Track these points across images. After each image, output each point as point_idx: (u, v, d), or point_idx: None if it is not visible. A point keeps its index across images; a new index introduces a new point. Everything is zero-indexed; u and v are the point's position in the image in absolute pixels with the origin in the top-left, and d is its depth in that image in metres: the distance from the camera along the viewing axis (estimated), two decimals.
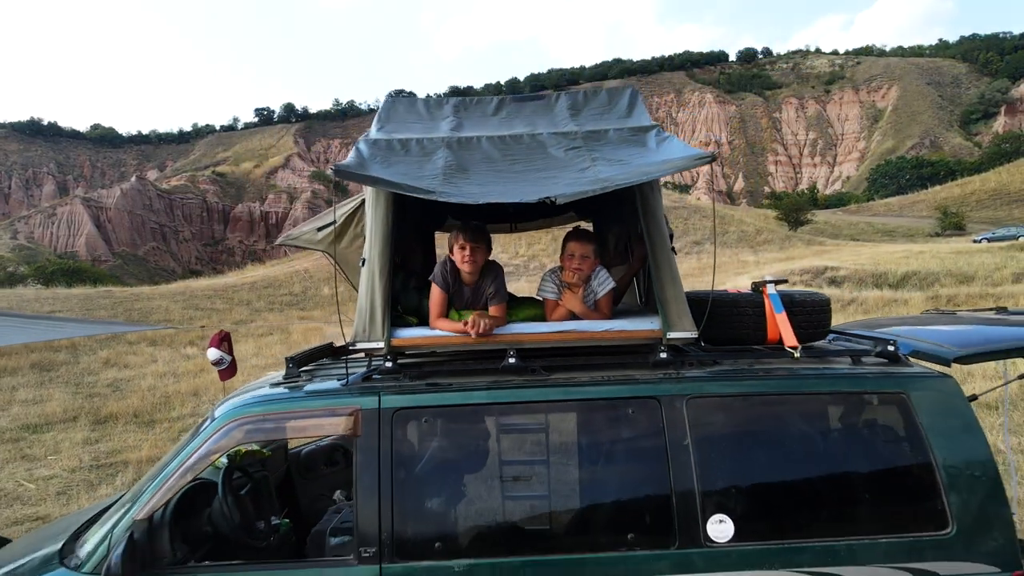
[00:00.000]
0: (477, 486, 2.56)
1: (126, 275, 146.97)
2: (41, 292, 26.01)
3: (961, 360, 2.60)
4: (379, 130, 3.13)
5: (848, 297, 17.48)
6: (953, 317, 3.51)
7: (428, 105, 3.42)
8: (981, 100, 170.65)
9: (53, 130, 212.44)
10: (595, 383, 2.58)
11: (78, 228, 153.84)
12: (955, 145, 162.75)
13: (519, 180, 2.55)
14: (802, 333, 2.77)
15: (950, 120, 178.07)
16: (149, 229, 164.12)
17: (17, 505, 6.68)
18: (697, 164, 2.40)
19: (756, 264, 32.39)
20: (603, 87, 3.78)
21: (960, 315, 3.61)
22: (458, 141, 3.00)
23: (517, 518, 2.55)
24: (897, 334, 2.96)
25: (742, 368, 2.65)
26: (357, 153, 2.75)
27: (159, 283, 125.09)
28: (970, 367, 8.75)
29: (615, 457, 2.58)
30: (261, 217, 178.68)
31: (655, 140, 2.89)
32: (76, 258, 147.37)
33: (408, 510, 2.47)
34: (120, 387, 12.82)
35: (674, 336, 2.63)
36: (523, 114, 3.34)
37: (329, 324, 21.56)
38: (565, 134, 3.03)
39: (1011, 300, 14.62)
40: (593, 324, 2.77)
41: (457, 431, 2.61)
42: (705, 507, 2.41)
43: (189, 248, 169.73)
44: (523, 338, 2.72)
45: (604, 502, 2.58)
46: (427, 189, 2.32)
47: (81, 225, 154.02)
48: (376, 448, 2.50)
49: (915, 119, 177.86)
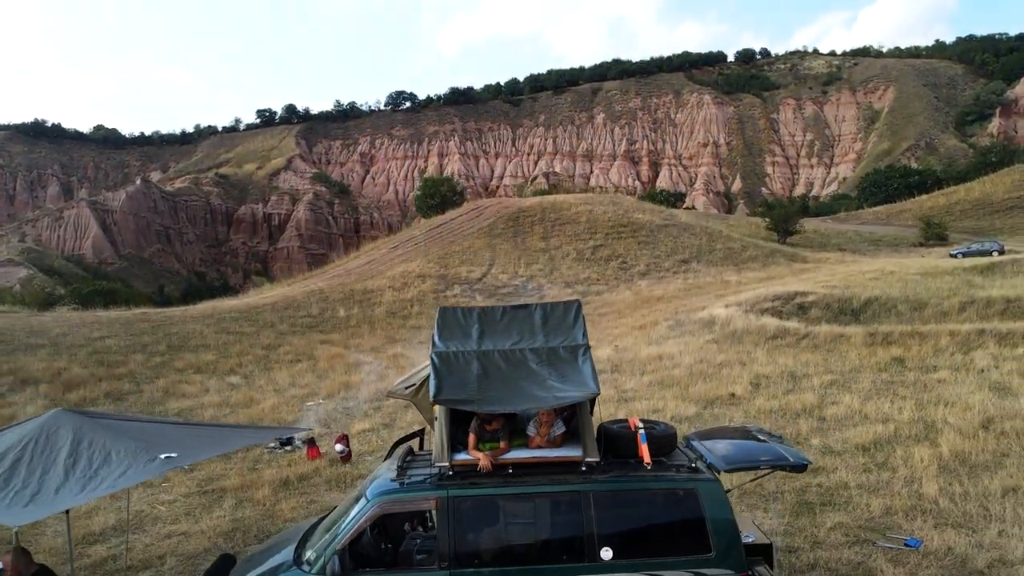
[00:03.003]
0: (493, 531, 5.20)
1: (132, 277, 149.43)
2: (85, 316, 28.63)
3: (727, 471, 5.26)
4: (440, 339, 5.75)
5: (804, 331, 20.07)
6: (742, 432, 6.15)
7: (463, 315, 6.01)
8: (976, 102, 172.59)
9: (56, 131, 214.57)
10: (551, 483, 5.25)
11: (85, 231, 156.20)
12: (950, 147, 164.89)
13: (515, 386, 5.19)
14: (655, 453, 5.42)
15: (946, 122, 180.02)
16: (154, 231, 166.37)
17: (160, 524, 9.33)
18: (582, 397, 5.10)
19: (737, 284, 34.95)
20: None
21: (747, 429, 6.24)
22: (484, 354, 5.56)
23: (515, 546, 5.20)
24: (708, 448, 5.61)
25: (620, 475, 5.31)
26: (435, 371, 5.38)
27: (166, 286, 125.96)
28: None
29: (560, 518, 5.23)
30: (264, 219, 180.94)
31: (581, 359, 5.51)
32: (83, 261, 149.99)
33: (461, 544, 5.12)
34: (187, 417, 15.45)
35: (588, 459, 5.29)
36: (517, 319, 5.92)
37: (348, 350, 24.17)
38: (535, 350, 5.64)
39: (931, 340, 17.19)
40: (551, 452, 5.39)
41: (484, 504, 5.26)
42: (599, 542, 5.06)
43: (193, 250, 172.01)
44: (516, 461, 5.37)
45: (555, 539, 5.23)
46: (470, 400, 4.96)
47: (87, 228, 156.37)
48: (446, 513, 5.16)
49: (911, 121, 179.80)
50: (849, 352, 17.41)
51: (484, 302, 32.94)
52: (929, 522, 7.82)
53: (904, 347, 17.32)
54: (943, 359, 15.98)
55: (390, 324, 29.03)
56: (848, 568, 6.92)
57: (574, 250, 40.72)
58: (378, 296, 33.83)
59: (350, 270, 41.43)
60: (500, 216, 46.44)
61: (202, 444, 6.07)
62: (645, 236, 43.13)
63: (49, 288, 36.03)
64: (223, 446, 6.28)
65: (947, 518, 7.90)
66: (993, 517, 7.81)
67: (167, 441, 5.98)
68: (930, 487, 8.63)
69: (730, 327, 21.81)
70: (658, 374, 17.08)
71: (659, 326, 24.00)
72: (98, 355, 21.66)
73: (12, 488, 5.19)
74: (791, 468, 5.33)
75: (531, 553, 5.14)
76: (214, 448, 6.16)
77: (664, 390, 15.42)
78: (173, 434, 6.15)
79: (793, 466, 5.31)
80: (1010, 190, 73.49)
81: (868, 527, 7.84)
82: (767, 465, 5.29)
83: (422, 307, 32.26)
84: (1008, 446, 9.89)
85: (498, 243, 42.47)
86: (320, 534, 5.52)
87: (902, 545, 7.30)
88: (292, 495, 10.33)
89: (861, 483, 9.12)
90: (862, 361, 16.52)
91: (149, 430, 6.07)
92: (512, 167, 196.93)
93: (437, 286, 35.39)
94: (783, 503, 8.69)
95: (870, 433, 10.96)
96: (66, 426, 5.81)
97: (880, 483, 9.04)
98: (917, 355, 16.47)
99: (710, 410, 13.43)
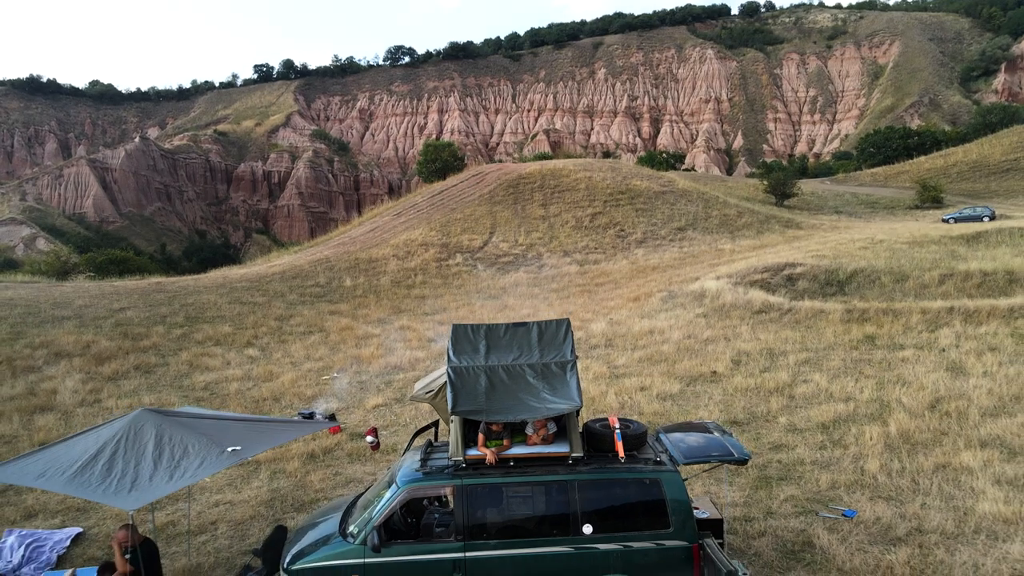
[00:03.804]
0: (498, 511, 6.53)
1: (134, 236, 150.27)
2: (103, 287, 29.86)
3: (685, 463, 6.57)
4: (454, 354, 6.98)
5: (787, 307, 21.33)
6: (700, 428, 7.45)
7: (472, 331, 7.22)
8: (982, 57, 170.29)
9: (52, 87, 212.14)
10: (544, 473, 6.57)
11: (85, 189, 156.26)
12: (954, 104, 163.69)
13: (516, 398, 6.45)
14: (628, 448, 6.72)
15: (950, 77, 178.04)
16: (154, 189, 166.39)
17: (207, 493, 10.74)
18: (568, 409, 6.38)
19: (731, 253, 36.11)
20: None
21: (705, 425, 7.54)
22: (489, 368, 6.80)
23: (516, 523, 6.54)
24: (672, 442, 6.92)
25: (599, 467, 6.62)
26: (451, 385, 6.62)
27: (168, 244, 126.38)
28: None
29: (551, 501, 6.57)
30: (264, 176, 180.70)
31: (568, 374, 6.75)
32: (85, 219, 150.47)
33: (473, 521, 6.47)
34: (215, 391, 16.84)
35: (574, 455, 6.60)
36: (517, 336, 7.14)
37: (357, 321, 25.45)
38: (532, 365, 6.87)
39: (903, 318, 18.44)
40: (544, 448, 6.69)
41: (491, 490, 6.58)
42: (581, 520, 6.41)
43: (194, 208, 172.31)
44: (517, 456, 6.68)
45: (547, 517, 6.58)
46: (480, 411, 6.24)
47: (88, 186, 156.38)
48: (461, 497, 6.50)
49: (915, 76, 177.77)
50: (826, 329, 18.70)
51: (485, 272, 34.17)
52: (866, 495, 9.21)
53: (877, 324, 18.62)
54: (911, 337, 17.28)
55: (395, 294, 30.29)
56: (792, 535, 8.32)
57: (573, 218, 41.71)
58: (383, 265, 35.02)
59: (354, 238, 42.49)
60: (501, 183, 47.26)
61: (260, 438, 7.34)
62: (643, 203, 44.05)
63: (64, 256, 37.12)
64: (276, 439, 7.56)
65: (882, 492, 9.29)
66: (920, 491, 9.19)
67: (231, 436, 7.29)
68: (873, 464, 10.01)
69: (719, 300, 23.07)
70: (648, 350, 18.41)
71: (652, 298, 25.25)
72: (121, 327, 22.94)
73: (114, 476, 6.51)
74: (735, 462, 6.64)
75: (528, 528, 6.50)
76: (270, 441, 7.44)
77: (652, 366, 16.76)
78: (235, 429, 7.44)
79: (736, 460, 6.63)
80: (1007, 152, 73.91)
81: (815, 499, 9.23)
82: (716, 459, 6.60)
83: (426, 276, 33.51)
84: (948, 425, 11.24)
85: (499, 210, 43.44)
86: (359, 511, 6.89)
87: (840, 515, 8.69)
88: (319, 467, 11.76)
89: (815, 459, 10.50)
90: (837, 338, 17.83)
91: (216, 426, 7.36)
92: (512, 124, 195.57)
93: (440, 255, 36.54)
94: (746, 477, 10.08)
95: (831, 412, 12.32)
96: (149, 423, 7.11)
97: (832, 459, 10.43)
98: (888, 333, 17.77)
99: (692, 387, 14.78)
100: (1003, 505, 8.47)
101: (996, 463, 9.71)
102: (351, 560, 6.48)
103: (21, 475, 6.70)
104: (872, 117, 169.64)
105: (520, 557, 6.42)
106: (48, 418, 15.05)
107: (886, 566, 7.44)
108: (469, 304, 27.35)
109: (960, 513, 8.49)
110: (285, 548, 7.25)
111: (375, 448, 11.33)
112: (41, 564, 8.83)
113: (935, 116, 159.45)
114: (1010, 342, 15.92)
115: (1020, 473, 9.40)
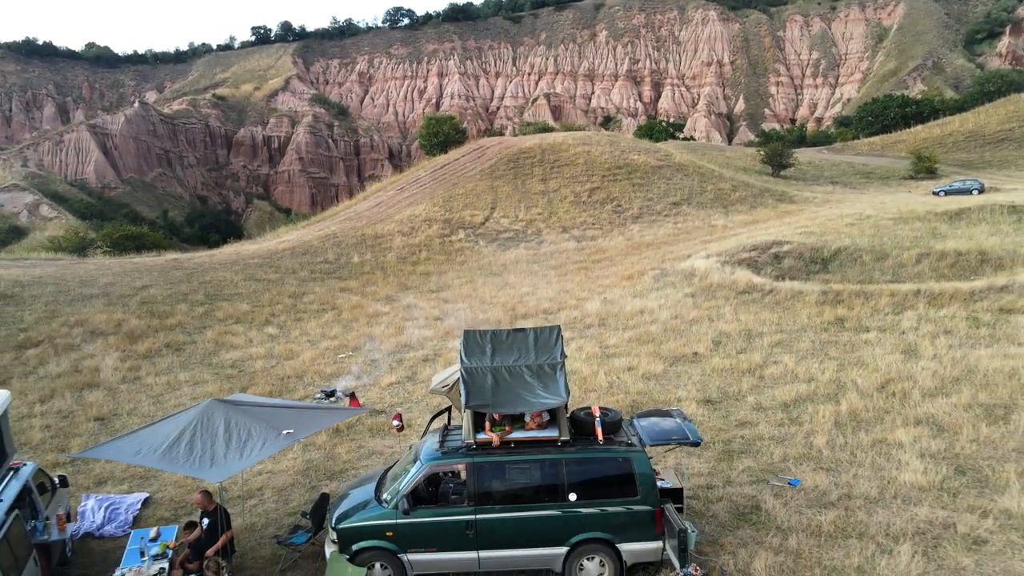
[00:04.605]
0: (502, 483, 8.22)
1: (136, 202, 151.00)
2: (124, 264, 31.43)
3: (650, 445, 8.25)
4: (466, 356, 8.57)
5: (769, 288, 22.89)
6: (666, 414, 9.09)
7: (480, 336, 8.80)
8: (987, 19, 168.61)
9: (48, 50, 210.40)
10: (539, 453, 8.24)
11: (86, 155, 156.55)
12: (957, 67, 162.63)
13: (515, 394, 8.06)
14: (606, 432, 8.38)
15: (955, 40, 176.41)
16: (155, 155, 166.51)
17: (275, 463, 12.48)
18: (557, 404, 8.01)
19: (723, 229, 37.56)
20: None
21: (670, 412, 9.19)
22: (495, 369, 8.40)
23: (516, 492, 8.23)
24: (642, 427, 8.59)
25: (582, 448, 8.28)
26: (465, 385, 8.23)
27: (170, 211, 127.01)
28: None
29: (544, 475, 8.25)
30: (264, 142, 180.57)
31: (558, 373, 8.36)
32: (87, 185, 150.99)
33: (481, 490, 8.16)
34: (242, 369, 18.54)
35: (562, 439, 8.27)
36: (517, 340, 8.73)
37: (366, 298, 27.03)
38: (528, 366, 8.47)
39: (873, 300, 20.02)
40: (539, 432, 8.34)
41: (496, 467, 8.25)
42: (568, 490, 8.10)
43: (195, 174, 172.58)
44: (517, 439, 8.34)
45: (541, 487, 8.27)
46: (487, 405, 7.86)
47: (89, 152, 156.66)
48: (473, 471, 8.18)
49: (919, 39, 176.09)
50: (802, 311, 20.31)
51: (487, 248, 35.68)
52: (811, 466, 10.93)
53: (849, 307, 20.22)
54: (876, 320, 18.91)
55: (401, 270, 31.86)
56: (744, 500, 10.06)
57: (571, 193, 43.03)
58: (388, 241, 36.53)
59: (360, 212, 43.88)
60: (501, 157, 48.40)
61: (307, 422, 8.99)
62: (640, 178, 45.30)
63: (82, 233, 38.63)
64: (320, 423, 9.22)
65: (824, 463, 11.00)
66: (856, 463, 10.91)
67: (283, 420, 8.95)
68: (821, 439, 11.72)
69: (707, 280, 24.64)
70: (638, 330, 20.06)
71: (645, 277, 26.82)
72: (147, 305, 24.59)
73: (196, 455, 8.18)
74: (689, 444, 8.30)
75: (525, 496, 8.20)
76: (314, 425, 9.10)
77: (640, 346, 18.42)
78: (285, 415, 9.09)
79: (691, 443, 8.29)
80: (1003, 121, 74.62)
81: (767, 470, 10.96)
82: (675, 442, 8.26)
83: (430, 252, 35.04)
84: (891, 405, 12.93)
85: (499, 185, 44.72)
86: (390, 481, 8.59)
87: (786, 484, 10.41)
88: (344, 440, 13.50)
89: (773, 435, 12.21)
90: (810, 320, 19.46)
91: (270, 412, 9.02)
92: (513, 87, 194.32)
93: (443, 231, 38.01)
94: (713, 451, 11.80)
95: (794, 392, 14.01)
96: (218, 411, 8.76)
97: (787, 435, 12.14)
98: (857, 315, 19.39)
99: (675, 368, 16.46)
100: (921, 475, 10.18)
101: (924, 439, 11.41)
102: (386, 521, 8.21)
103: (120, 452, 8.39)
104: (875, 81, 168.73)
105: (519, 518, 8.14)
106: (96, 394, 16.78)
107: (815, 525, 9.18)
108: (472, 282, 28.92)
109: (884, 482, 10.21)
110: (329, 512, 9.00)
111: (400, 430, 13.01)
112: (119, 524, 10.59)
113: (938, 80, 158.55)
114: (964, 325, 17.55)
115: (942, 448, 11.11)
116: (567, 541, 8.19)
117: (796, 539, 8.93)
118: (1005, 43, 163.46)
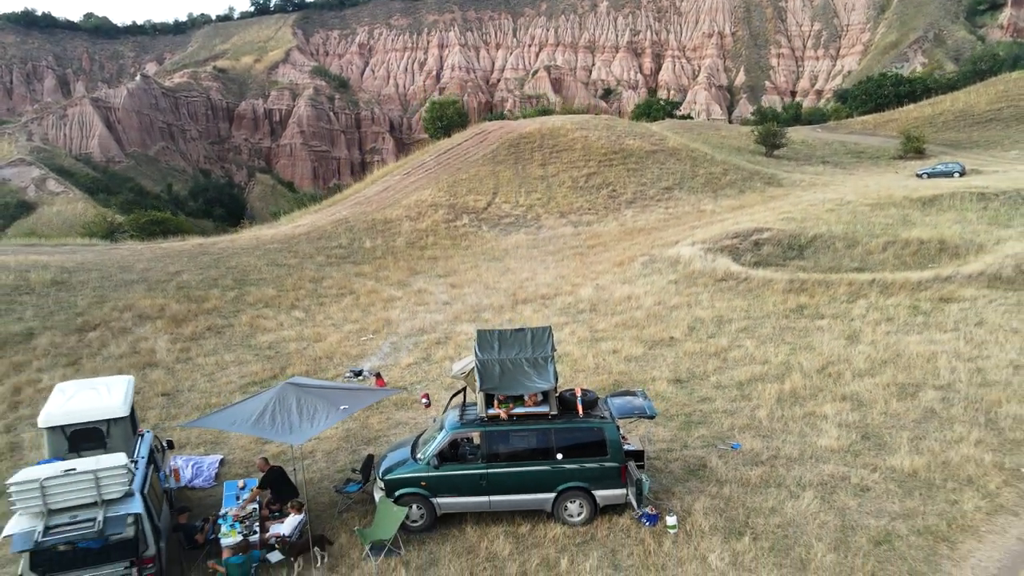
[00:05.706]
0: (507, 446, 11.01)
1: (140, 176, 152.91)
2: (154, 249, 34.07)
3: (619, 418, 11.04)
4: (479, 351, 11.26)
5: (744, 275, 25.57)
6: (632, 394, 11.85)
7: (489, 335, 11.46)
8: None
9: (48, 21, 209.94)
10: (535, 424, 11.03)
11: (90, 129, 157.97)
12: (958, 39, 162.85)
13: (516, 380, 10.76)
14: (586, 408, 11.15)
15: (956, 11, 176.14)
16: (157, 129, 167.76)
17: None
18: (548, 387, 10.76)
19: (711, 214, 40.09)
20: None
21: (636, 393, 11.94)
22: (501, 360, 11.09)
23: (517, 453, 11.03)
24: (613, 404, 11.36)
25: (567, 420, 11.05)
26: (479, 373, 10.93)
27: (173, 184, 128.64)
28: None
29: (538, 440, 11.04)
30: (265, 115, 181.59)
31: (549, 364, 11.06)
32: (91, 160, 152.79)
33: (491, 452, 10.96)
34: (278, 350, 21.32)
35: (551, 413, 11.04)
36: (518, 338, 11.42)
37: (380, 283, 29.70)
38: (527, 359, 11.16)
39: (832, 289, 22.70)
40: (535, 408, 11.07)
41: (502, 434, 11.03)
42: (556, 451, 10.90)
43: (197, 147, 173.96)
44: (518, 413, 11.12)
45: (536, 450, 11.07)
46: (496, 388, 10.60)
47: (92, 126, 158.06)
48: (486, 438, 10.99)
49: (921, 10, 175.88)
50: (769, 299, 23.01)
51: (489, 233, 38.27)
52: (751, 434, 13.74)
53: (811, 295, 22.93)
54: (832, 307, 21.62)
55: (410, 255, 34.51)
56: (695, 461, 12.88)
57: (569, 178, 45.45)
58: (397, 226, 39.10)
59: (369, 197, 46.35)
60: (503, 142, 50.67)
61: (356, 400, 11.77)
62: (635, 163, 47.66)
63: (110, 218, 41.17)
64: (366, 401, 12.00)
65: (761, 432, 13.81)
66: (787, 432, 13.72)
67: (338, 399, 11.72)
68: (763, 412, 14.51)
69: (690, 267, 27.30)
70: (624, 315, 22.79)
71: (635, 263, 29.47)
72: (183, 290, 27.29)
73: (278, 424, 10.95)
74: (648, 417, 11.08)
75: (524, 456, 11.00)
76: (363, 402, 11.87)
77: (626, 331, 21.17)
78: (339, 395, 11.84)
79: (649, 416, 11.07)
80: (992, 101, 76.39)
81: (717, 437, 13.77)
82: (635, 416, 11.04)
83: (436, 237, 37.65)
84: (826, 384, 15.71)
85: (501, 170, 47.11)
86: (422, 445, 11.41)
87: (730, 448, 13.22)
88: (375, 413, 16.32)
89: (726, 409, 15.01)
90: (775, 307, 22.17)
91: (329, 393, 11.77)
92: (513, 59, 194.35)
93: (448, 216, 40.55)
94: (677, 422, 14.61)
95: (749, 373, 16.78)
96: (290, 392, 11.52)
97: (737, 409, 14.93)
98: (816, 303, 22.10)
99: (653, 351, 19.22)
100: (834, 440, 12.99)
101: (845, 412, 14.21)
102: (420, 473, 11.04)
103: (219, 422, 11.18)
104: (876, 53, 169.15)
105: (520, 472, 10.96)
106: (158, 373, 19.60)
107: (746, 478, 12.01)
108: (476, 267, 31.59)
109: (805, 446, 13.03)
110: (374, 468, 11.83)
111: (428, 406, 15.82)
112: (205, 478, 13.46)
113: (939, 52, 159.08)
114: (905, 313, 20.29)
115: (858, 419, 13.91)
116: (555, 488, 11.00)
117: (729, 488, 11.77)
118: (1007, 15, 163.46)
